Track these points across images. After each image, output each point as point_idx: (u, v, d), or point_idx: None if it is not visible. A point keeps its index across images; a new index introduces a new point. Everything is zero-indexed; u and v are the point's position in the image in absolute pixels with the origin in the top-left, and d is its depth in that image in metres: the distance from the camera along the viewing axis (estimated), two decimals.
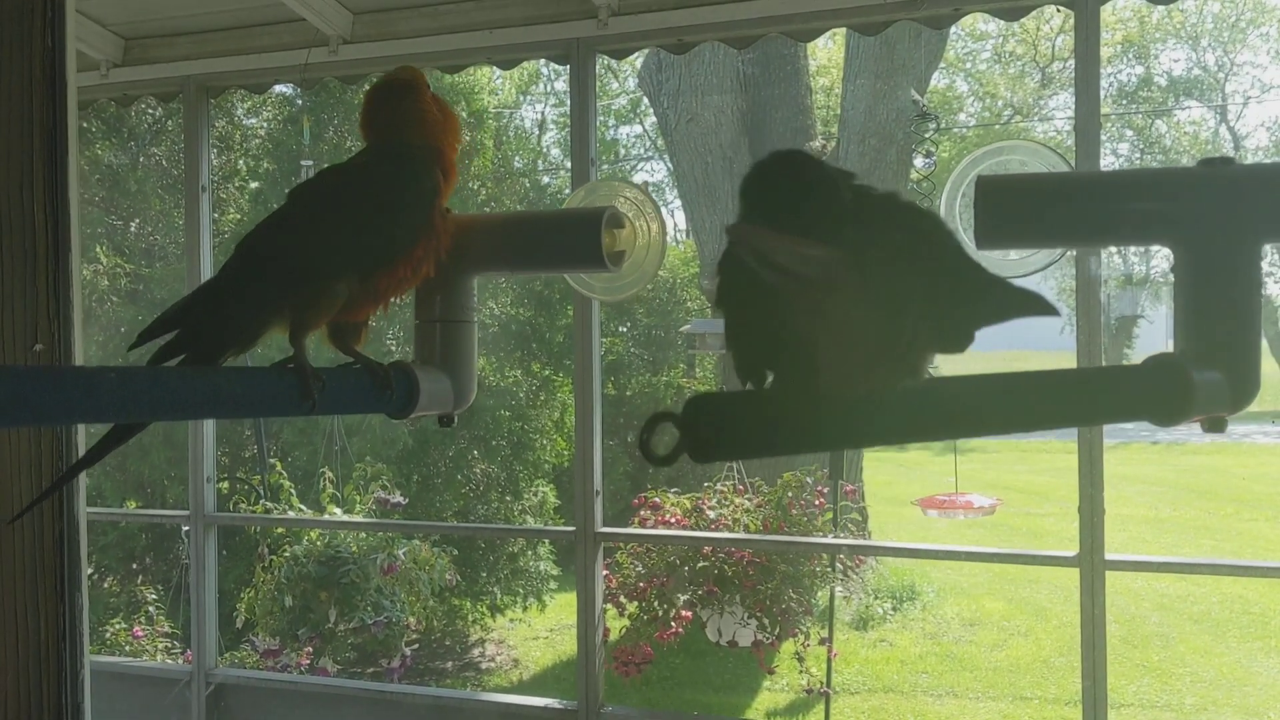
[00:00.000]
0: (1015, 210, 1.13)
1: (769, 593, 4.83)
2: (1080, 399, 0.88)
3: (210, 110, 4.29)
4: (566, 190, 14.74)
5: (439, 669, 7.59)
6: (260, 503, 6.28)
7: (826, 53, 16.42)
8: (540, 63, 16.26)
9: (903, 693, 7.06)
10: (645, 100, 15.57)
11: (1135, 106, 21.16)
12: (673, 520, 5.19)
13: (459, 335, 1.43)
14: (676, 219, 16.17)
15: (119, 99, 4.37)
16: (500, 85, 17.13)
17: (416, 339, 1.45)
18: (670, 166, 14.62)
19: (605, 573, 4.69)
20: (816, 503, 5.26)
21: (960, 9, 3.32)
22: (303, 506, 6.08)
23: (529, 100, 20.33)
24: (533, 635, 8.27)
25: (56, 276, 1.58)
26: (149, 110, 8.02)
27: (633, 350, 10.29)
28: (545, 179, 13.77)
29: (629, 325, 10.44)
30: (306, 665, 5.60)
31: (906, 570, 9.17)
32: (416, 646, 6.66)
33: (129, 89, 4.26)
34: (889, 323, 0.64)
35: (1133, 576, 9.06)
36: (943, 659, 7.63)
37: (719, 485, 5.58)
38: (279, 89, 6.83)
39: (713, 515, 5.21)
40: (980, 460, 16.72)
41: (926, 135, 5.33)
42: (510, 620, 8.20)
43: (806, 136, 8.61)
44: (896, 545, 4.92)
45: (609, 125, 20.05)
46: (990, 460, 16.89)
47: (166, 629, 6.22)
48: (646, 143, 20.64)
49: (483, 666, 7.74)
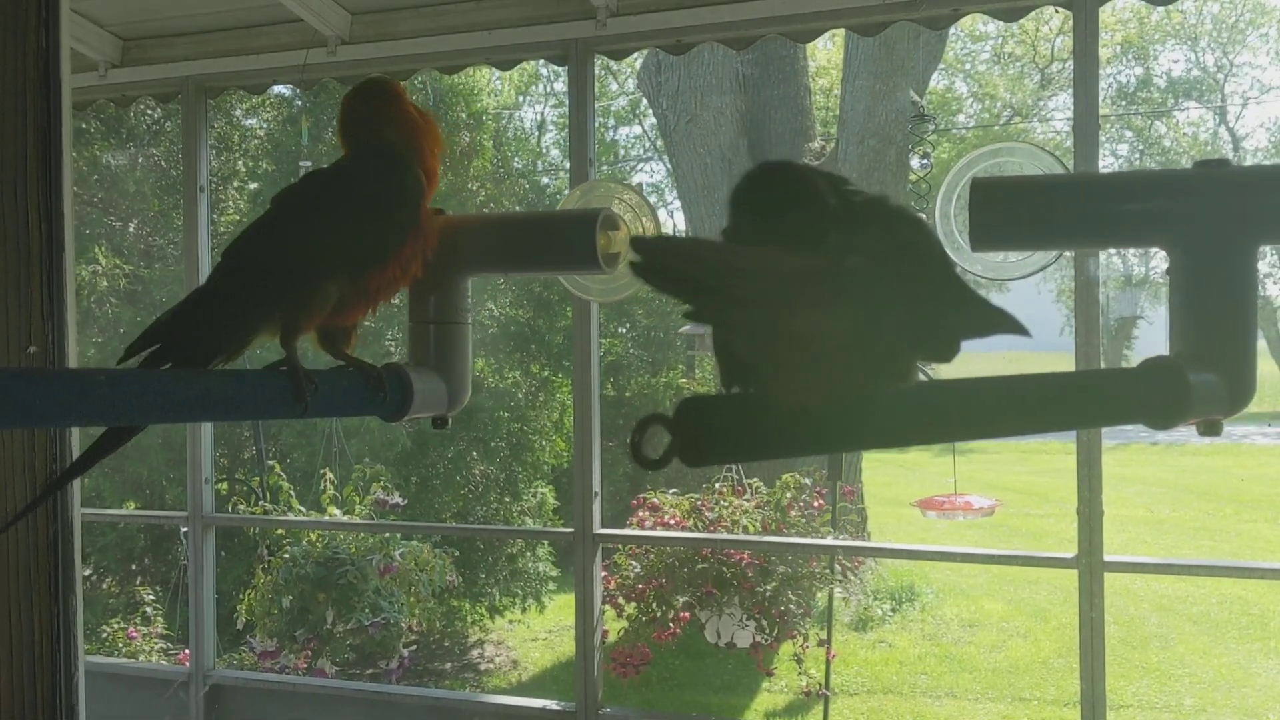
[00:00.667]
0: (1010, 212, 1.12)
1: (768, 594, 4.82)
2: (1076, 402, 0.87)
3: (209, 111, 4.29)
4: (566, 191, 14.75)
5: (438, 670, 7.59)
6: (259, 504, 6.27)
7: (826, 54, 16.43)
8: (539, 63, 16.28)
9: (902, 694, 7.05)
10: (644, 101, 15.57)
11: (1134, 107, 21.17)
12: (672, 521, 5.18)
13: (453, 336, 1.42)
14: (676, 220, 16.18)
15: (117, 100, 4.37)
16: (499, 86, 17.13)
17: (410, 340, 1.44)
18: (669, 167, 14.63)
19: (604, 574, 4.69)
20: (815, 504, 5.25)
21: (959, 10, 3.32)
22: (301, 507, 6.07)
23: (528, 101, 20.36)
24: (531, 636, 8.26)
25: (50, 277, 1.58)
26: (148, 111, 8.01)
27: (632, 351, 10.28)
28: (545, 180, 13.77)
29: (628, 326, 10.43)
30: (305, 667, 5.59)
31: (905, 571, 9.16)
32: (415, 647, 6.66)
33: (127, 90, 4.27)
34: (868, 328, 0.64)
35: (1131, 577, 9.06)
36: (942, 660, 7.63)
37: (718, 486, 5.57)
38: (277, 90, 6.84)
39: (711, 516, 5.20)
40: (979, 461, 16.72)
41: (925, 136, 5.33)
42: (509, 621, 8.20)
43: (805, 138, 8.61)
44: (895, 546, 4.93)
45: (608, 126, 20.06)
46: (989, 461, 16.89)
47: (163, 630, 6.21)
48: (646, 144, 20.65)
49: (482, 668, 7.73)
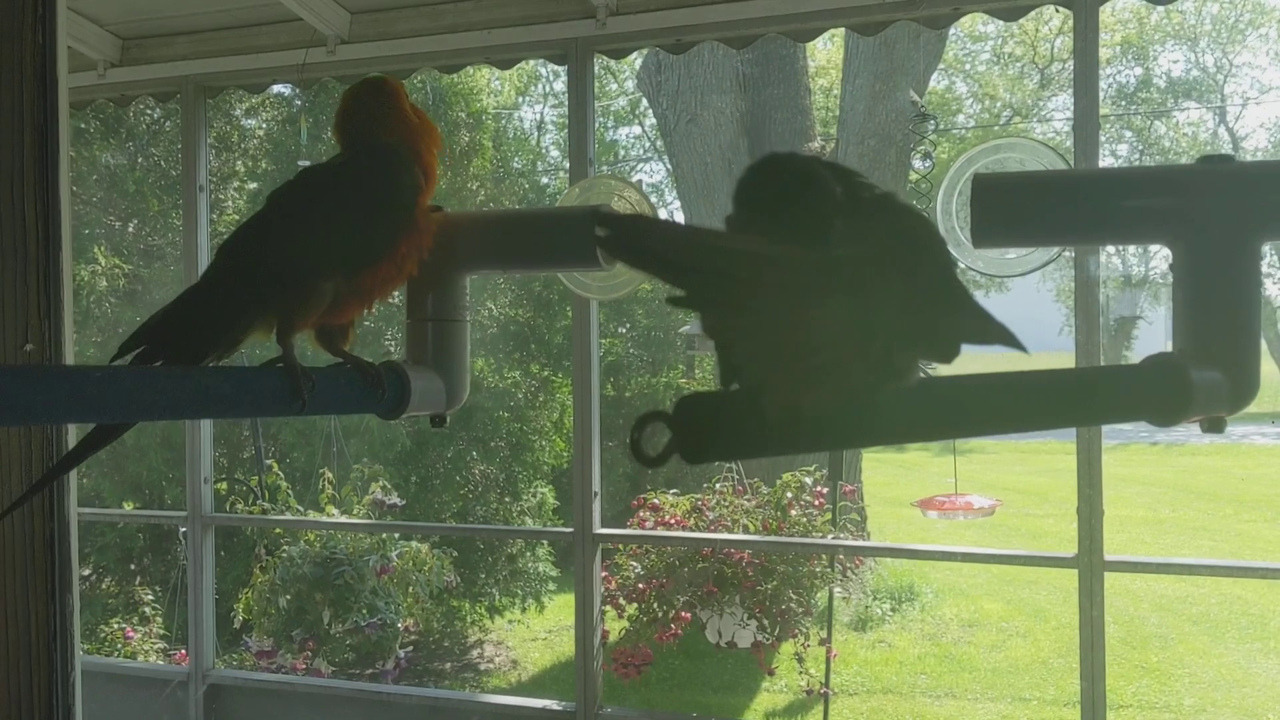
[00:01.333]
0: (1012, 208, 1.12)
1: (768, 593, 4.81)
2: (1078, 399, 0.87)
3: (208, 111, 4.28)
4: (562, 189, 14.75)
5: (438, 670, 7.58)
6: (257, 504, 6.27)
7: (826, 54, 16.43)
8: (539, 63, 16.28)
9: (901, 694, 7.05)
10: (644, 101, 15.58)
11: (1134, 107, 21.17)
12: (672, 521, 5.17)
13: (451, 334, 1.41)
14: (676, 219, 16.15)
15: (117, 99, 4.37)
16: (499, 86, 17.13)
17: (408, 338, 1.44)
18: (669, 167, 14.61)
19: (604, 574, 4.68)
20: (816, 503, 5.24)
21: (959, 9, 3.31)
22: (300, 507, 6.06)
23: (528, 101, 20.35)
24: (531, 636, 8.26)
25: (48, 276, 1.57)
26: (147, 111, 8.01)
27: (632, 351, 10.27)
28: (544, 180, 13.76)
29: (628, 326, 10.42)
30: (303, 668, 5.58)
31: (905, 571, 9.16)
32: (414, 648, 6.66)
33: (127, 89, 4.27)
34: (868, 324, 0.63)
35: (1131, 577, 9.06)
36: (941, 660, 7.62)
37: (718, 486, 5.57)
38: (277, 89, 6.84)
39: (712, 516, 5.19)
40: (979, 461, 16.72)
41: (925, 136, 5.32)
42: (509, 621, 8.19)
43: (805, 137, 8.60)
44: (896, 546, 4.92)
45: (608, 126, 20.05)
46: (989, 461, 16.89)
47: (161, 630, 6.20)
48: (645, 144, 20.64)
49: (481, 668, 7.73)
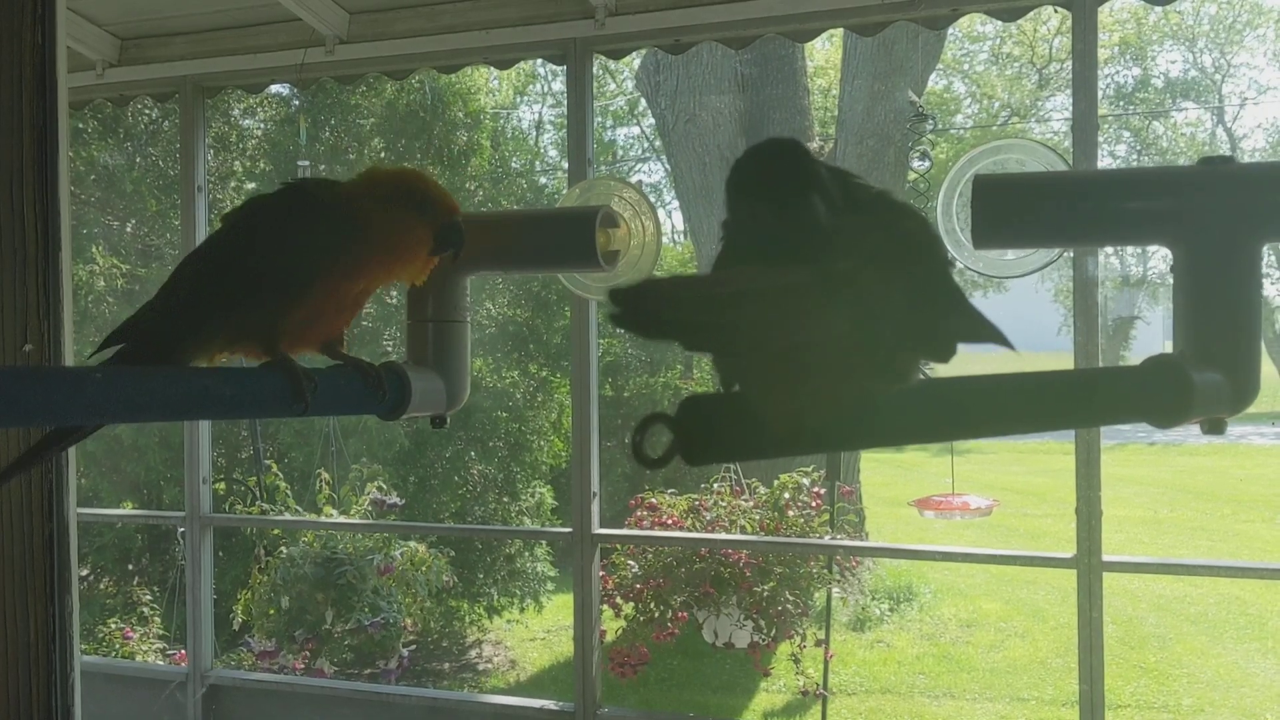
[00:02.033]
0: (1013, 210, 1.11)
1: (766, 594, 4.81)
2: (1078, 401, 0.87)
3: (206, 110, 4.28)
4: (564, 191, 14.76)
5: (436, 670, 7.58)
6: (256, 504, 6.26)
7: (824, 54, 16.44)
8: (538, 63, 16.26)
9: (900, 694, 7.05)
10: (643, 102, 15.57)
11: (1132, 108, 21.19)
12: (670, 521, 5.17)
13: (451, 335, 1.41)
14: (674, 220, 16.16)
15: (115, 99, 4.37)
16: (497, 86, 17.13)
17: (408, 339, 1.43)
18: (668, 167, 14.63)
19: (601, 574, 4.68)
20: (813, 504, 5.24)
21: (958, 9, 3.31)
22: (299, 507, 6.06)
23: (526, 101, 20.35)
24: (530, 636, 8.25)
25: (47, 276, 1.57)
26: (145, 111, 8.00)
27: (630, 351, 10.25)
28: (543, 180, 13.74)
29: None
30: (303, 667, 5.58)
31: (903, 571, 9.16)
32: (414, 647, 6.66)
33: (125, 89, 4.26)
34: (868, 327, 0.63)
35: (1130, 577, 9.06)
36: (940, 660, 7.62)
37: (716, 486, 5.57)
38: (275, 89, 6.83)
39: (710, 516, 5.19)
40: (977, 461, 16.71)
41: (923, 136, 5.32)
42: (507, 621, 8.19)
43: (804, 138, 8.60)
44: (894, 546, 4.92)
45: (606, 126, 20.06)
46: (987, 461, 16.89)
47: (160, 630, 6.20)
48: (644, 144, 20.65)
49: (480, 668, 7.72)
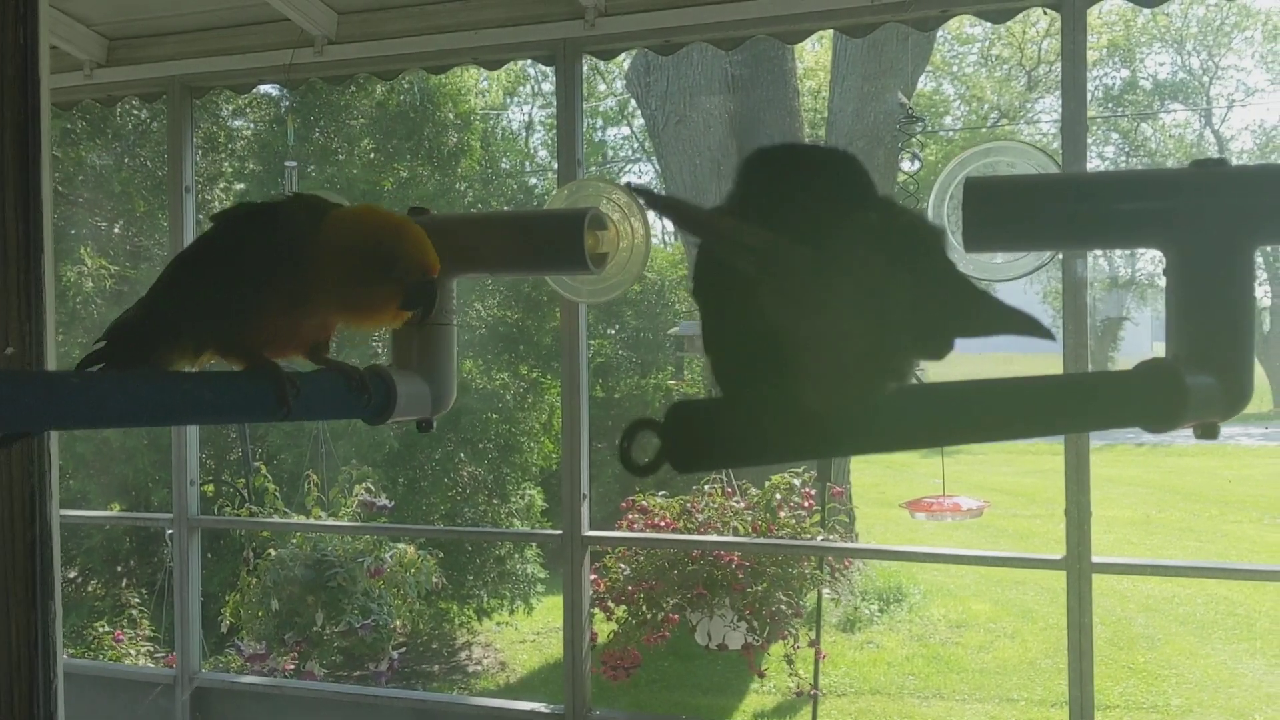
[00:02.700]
0: (1005, 212, 1.09)
1: (758, 595, 4.81)
2: (1072, 406, 0.85)
3: (194, 111, 4.26)
4: (554, 192, 14.74)
5: (425, 672, 7.56)
6: (245, 506, 6.24)
7: (814, 55, 16.46)
8: (527, 63, 16.25)
9: (889, 694, 7.05)
10: (633, 103, 15.56)
11: (1121, 110, 21.26)
12: (661, 523, 5.16)
13: (437, 338, 1.39)
14: (664, 222, 16.15)
15: (103, 99, 4.34)
16: (487, 86, 17.12)
17: (393, 343, 1.41)
18: (658, 168, 14.61)
19: (593, 577, 4.66)
20: (805, 505, 5.24)
21: (948, 11, 3.30)
22: (288, 510, 6.04)
23: (516, 102, 20.33)
24: (520, 638, 8.24)
25: (29, 278, 1.55)
26: (133, 111, 7.98)
27: (621, 353, 10.24)
28: (533, 180, 13.75)
29: (617, 328, 10.40)
30: (293, 669, 5.56)
31: (893, 572, 9.16)
32: (404, 650, 6.64)
33: (113, 90, 4.24)
34: (877, 324, 0.62)
35: (1119, 578, 9.07)
36: (929, 661, 7.62)
37: (708, 489, 5.56)
38: (264, 89, 6.80)
39: (702, 518, 5.19)
40: (967, 462, 16.74)
41: (913, 137, 5.32)
42: (497, 624, 8.17)
43: (794, 139, 8.60)
44: (886, 548, 4.92)
45: (596, 127, 20.05)
46: (977, 462, 16.91)
47: (150, 632, 6.17)
48: (634, 145, 20.64)
49: (469, 670, 7.71)
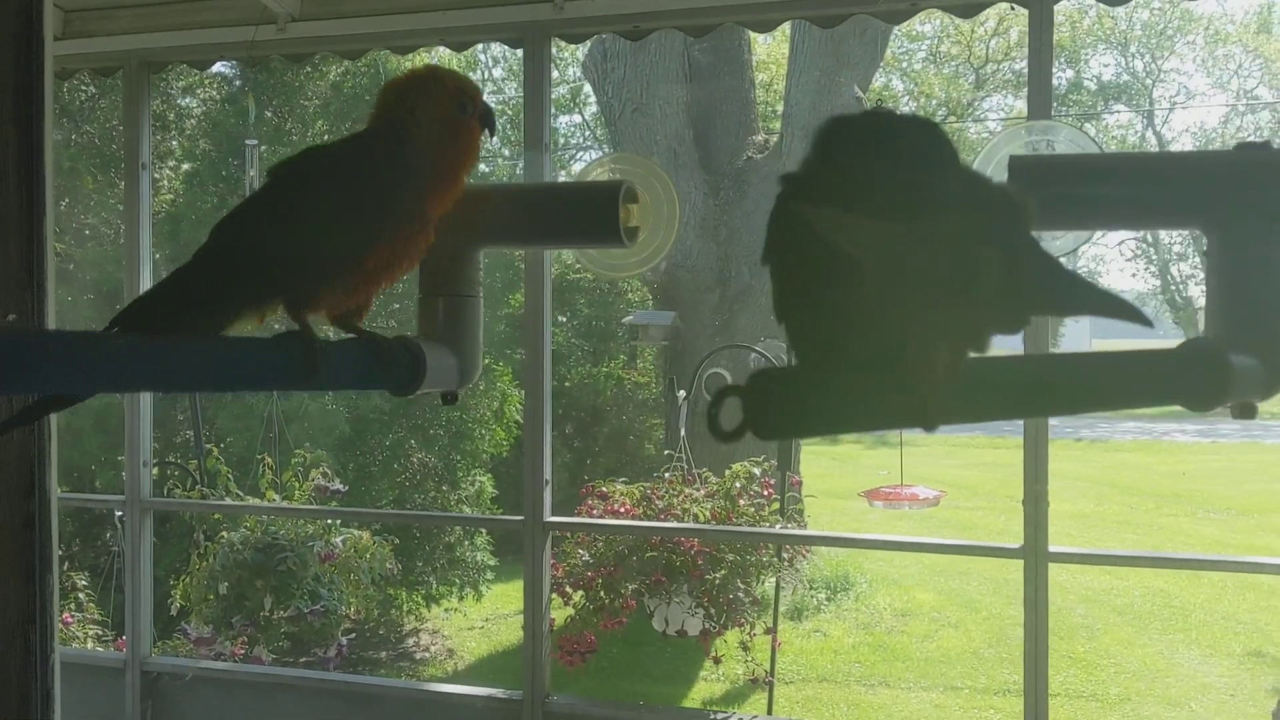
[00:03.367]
0: (1050, 192, 1.10)
1: (717, 582, 4.83)
2: (1117, 383, 0.87)
3: (150, 86, 4.17)
4: (505, 178, 14.63)
5: (373, 659, 7.51)
6: (196, 488, 6.14)
7: (767, 48, 16.50)
8: (479, 49, 16.13)
9: (836, 682, 7.13)
10: (586, 89, 15.52)
11: (1065, 109, 21.59)
12: (621, 510, 5.16)
13: (464, 310, 1.39)
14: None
15: (57, 72, 4.23)
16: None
17: (420, 313, 1.41)
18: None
19: (552, 561, 4.65)
20: (765, 493, 5.26)
21: (916, 4, 3.32)
22: (240, 492, 5.96)
23: None
24: (468, 625, 8.20)
25: (30, 244, 1.51)
26: (83, 86, 7.80)
27: (574, 341, 10.21)
28: (484, 167, 13.64)
29: (569, 315, 10.37)
30: (241, 654, 5.49)
31: (840, 561, 9.26)
32: (353, 636, 6.58)
33: (67, 63, 4.13)
34: (962, 296, 0.62)
35: (1058, 569, 9.22)
36: (875, 649, 7.72)
37: (668, 476, 5.56)
38: (218, 68, 6.69)
39: (661, 505, 5.20)
40: (911, 454, 16.87)
41: None
42: (445, 610, 8.13)
43: (750, 130, 8.63)
44: (847, 536, 4.97)
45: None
46: (921, 454, 17.07)
47: (97, 616, 6.07)
48: (585, 132, 20.59)
49: (417, 656, 7.67)
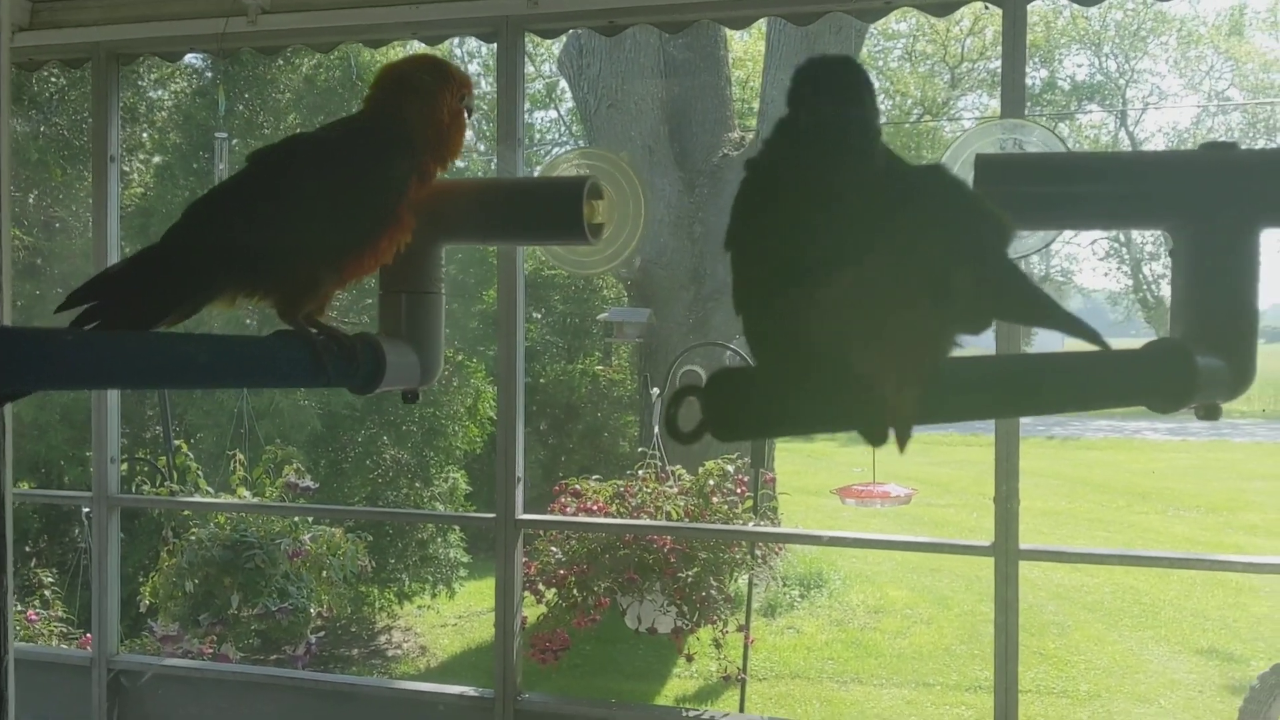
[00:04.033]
0: (1016, 190, 1.09)
1: (690, 580, 4.82)
2: (1084, 383, 0.86)
3: (120, 79, 4.11)
4: (479, 173, 14.58)
5: (344, 656, 7.47)
6: (165, 485, 6.09)
7: (743, 45, 16.52)
8: (453, 44, 16.07)
9: (810, 678, 7.15)
10: (561, 85, 15.49)
11: (1039, 109, 21.71)
12: (594, 507, 5.14)
13: (426, 307, 1.36)
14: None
15: (24, 64, 4.18)
16: None
17: (381, 310, 1.39)
18: None
19: (524, 559, 4.63)
20: (738, 490, 5.26)
21: (891, 2, 3.31)
22: (210, 489, 5.91)
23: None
24: (441, 623, 8.17)
25: None
26: (52, 78, 7.72)
27: (548, 337, 10.17)
28: (460, 163, 13.59)
29: (544, 312, 10.33)
30: (209, 653, 5.45)
31: (814, 558, 9.27)
32: (323, 634, 6.54)
33: (35, 54, 4.07)
34: (931, 296, 0.62)
35: (1030, 566, 9.27)
36: (848, 645, 7.74)
37: (641, 473, 5.55)
38: (189, 60, 6.63)
39: (635, 502, 5.18)
40: (884, 452, 16.90)
41: None
42: (418, 608, 8.10)
43: (726, 127, 8.63)
44: (819, 534, 4.91)
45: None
46: (894, 452, 17.15)
47: (62, 613, 6.01)
48: (561, 128, 20.56)
49: (389, 654, 7.63)
